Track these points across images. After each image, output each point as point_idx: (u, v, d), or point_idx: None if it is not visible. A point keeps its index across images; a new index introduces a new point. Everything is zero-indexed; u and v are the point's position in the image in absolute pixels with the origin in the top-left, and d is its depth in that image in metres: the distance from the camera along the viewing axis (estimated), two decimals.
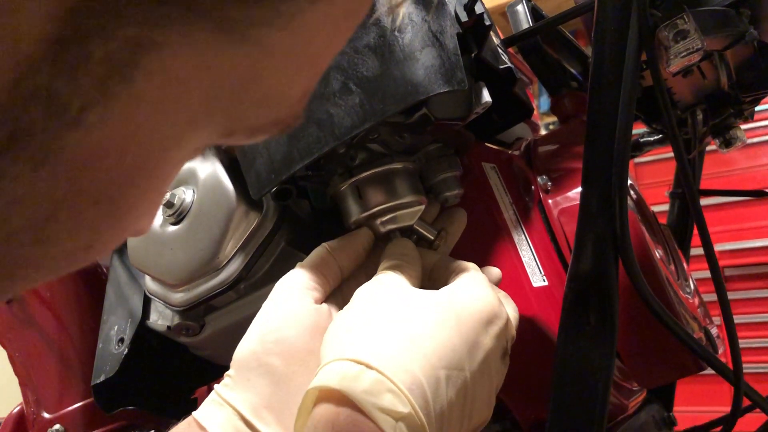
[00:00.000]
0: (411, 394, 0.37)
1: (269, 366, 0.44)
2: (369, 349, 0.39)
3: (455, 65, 0.46)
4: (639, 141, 0.94)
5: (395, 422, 0.36)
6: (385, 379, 0.38)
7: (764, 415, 0.63)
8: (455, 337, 0.41)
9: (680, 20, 0.49)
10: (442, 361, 0.40)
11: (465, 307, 0.43)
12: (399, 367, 0.38)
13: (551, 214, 0.64)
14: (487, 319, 0.43)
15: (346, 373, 0.38)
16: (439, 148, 0.55)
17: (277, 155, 0.48)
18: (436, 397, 0.39)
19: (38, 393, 0.79)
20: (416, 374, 0.38)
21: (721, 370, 0.55)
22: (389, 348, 0.39)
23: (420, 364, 0.39)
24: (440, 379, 0.39)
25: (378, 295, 0.44)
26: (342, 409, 0.37)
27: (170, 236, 0.55)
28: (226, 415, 0.44)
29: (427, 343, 0.40)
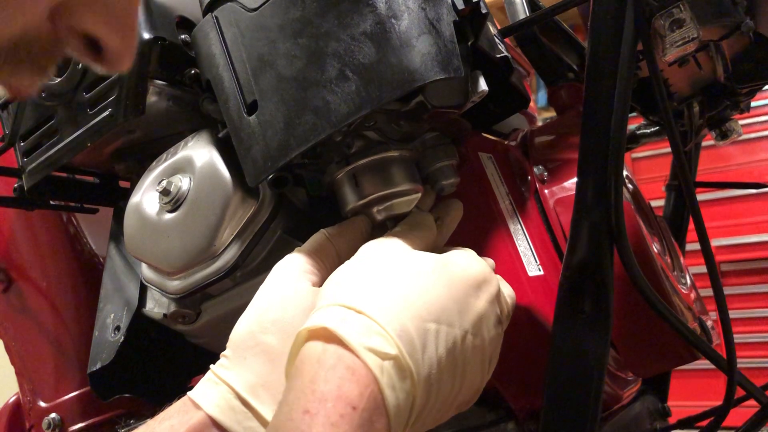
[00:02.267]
0: (399, 340, 0.38)
1: (265, 345, 0.44)
2: (360, 297, 0.40)
3: (451, 52, 0.46)
4: (635, 133, 0.94)
5: (382, 361, 0.37)
6: (373, 323, 0.39)
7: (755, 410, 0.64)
8: (446, 294, 0.42)
9: (676, 9, 0.49)
10: (432, 315, 0.41)
11: (457, 269, 0.44)
12: (388, 315, 0.39)
13: (547, 204, 0.64)
14: (477, 282, 0.45)
15: (336, 315, 0.39)
16: (436, 136, 0.55)
17: (274, 143, 0.48)
18: (425, 347, 0.39)
19: (34, 382, 0.79)
20: (405, 323, 0.39)
21: (715, 359, 0.55)
22: (380, 298, 0.40)
23: (409, 314, 0.40)
24: (429, 331, 0.40)
25: (377, 252, 0.46)
26: (329, 345, 0.38)
27: (167, 224, 0.55)
28: (221, 393, 0.44)
29: (417, 297, 0.41)
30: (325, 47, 0.46)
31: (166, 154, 0.59)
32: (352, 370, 0.37)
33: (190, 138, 0.58)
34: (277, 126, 0.48)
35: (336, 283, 0.44)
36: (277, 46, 0.48)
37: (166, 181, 0.55)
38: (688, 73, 0.68)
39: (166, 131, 0.64)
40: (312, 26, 0.46)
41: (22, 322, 0.80)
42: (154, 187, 0.56)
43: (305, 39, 0.47)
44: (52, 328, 0.78)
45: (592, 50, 0.50)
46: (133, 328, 0.61)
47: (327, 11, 0.46)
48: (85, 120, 0.59)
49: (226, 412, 0.44)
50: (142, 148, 0.65)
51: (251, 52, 0.49)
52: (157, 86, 0.59)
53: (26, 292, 0.80)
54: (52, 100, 0.61)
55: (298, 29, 0.47)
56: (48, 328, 0.78)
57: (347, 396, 0.36)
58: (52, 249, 0.81)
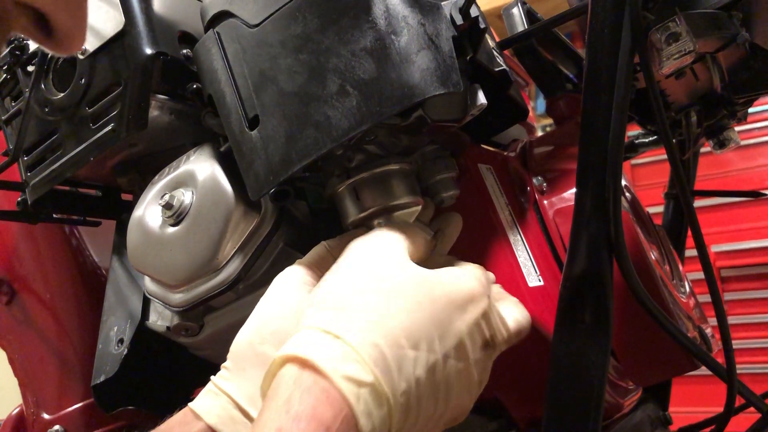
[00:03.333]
0: (376, 367, 0.38)
1: (265, 356, 0.45)
2: (338, 321, 0.40)
3: (451, 68, 0.46)
4: (634, 142, 0.94)
5: (358, 389, 0.37)
6: (350, 349, 0.38)
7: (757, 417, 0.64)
8: (427, 317, 0.41)
9: (672, 23, 0.49)
10: (411, 340, 0.40)
11: (440, 289, 0.43)
12: (365, 340, 0.39)
13: (546, 214, 0.65)
14: (461, 302, 0.43)
15: (313, 341, 0.39)
16: (436, 149, 0.56)
17: (275, 157, 0.49)
18: (402, 373, 0.39)
19: (38, 394, 0.79)
20: (382, 349, 0.39)
21: (715, 368, 0.56)
22: (358, 321, 0.40)
23: (388, 340, 0.39)
24: (407, 357, 0.40)
25: (362, 261, 0.45)
26: (305, 370, 0.38)
27: (169, 237, 0.55)
28: (221, 404, 0.45)
29: (396, 321, 0.40)
30: (326, 63, 0.47)
31: (169, 168, 0.59)
32: (327, 393, 0.37)
33: (192, 152, 0.58)
34: (278, 140, 0.48)
35: (317, 301, 0.43)
36: (279, 61, 0.48)
37: (169, 195, 0.56)
38: (685, 84, 0.69)
39: (168, 145, 0.64)
40: (313, 42, 0.47)
41: (26, 334, 0.80)
42: (156, 201, 0.57)
43: (306, 55, 0.47)
44: (55, 340, 0.79)
45: (590, 62, 0.50)
46: (137, 340, 0.62)
47: (328, 27, 0.47)
48: (88, 134, 0.60)
49: (227, 422, 0.44)
50: (144, 161, 0.66)
51: (253, 67, 0.50)
52: (159, 101, 0.59)
53: (29, 305, 0.81)
54: (55, 115, 0.62)
55: (299, 45, 0.47)
56: (51, 341, 0.79)
57: (321, 417, 0.36)
58: (55, 262, 0.81)
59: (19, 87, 0.65)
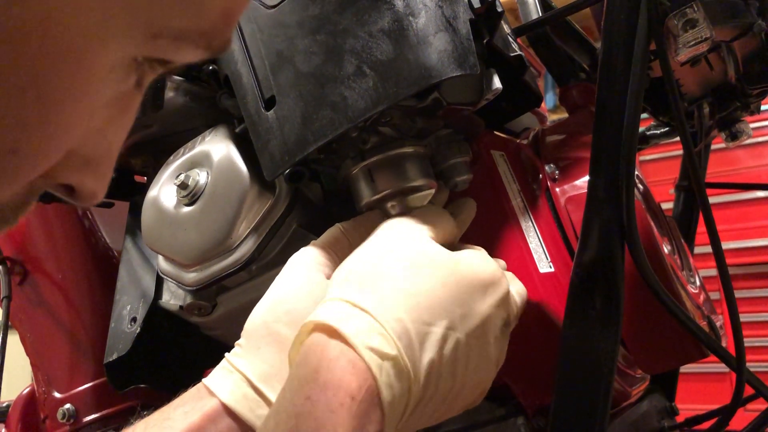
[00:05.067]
0: (399, 341, 0.39)
1: (279, 335, 0.45)
2: (365, 295, 0.41)
3: (468, 50, 0.47)
4: (645, 134, 0.94)
5: (381, 361, 0.38)
6: (375, 322, 0.39)
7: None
8: (451, 296, 0.43)
9: (689, 9, 0.49)
10: (434, 317, 0.41)
11: (465, 270, 0.44)
12: (390, 315, 0.40)
13: (558, 202, 0.65)
14: (484, 285, 0.45)
15: (341, 312, 0.40)
16: (450, 133, 0.56)
17: (291, 137, 0.49)
18: (424, 349, 0.40)
19: (49, 373, 0.80)
20: (406, 324, 0.40)
21: (723, 357, 0.56)
22: (384, 297, 0.41)
23: (411, 317, 0.40)
24: (430, 334, 0.41)
25: (389, 241, 0.46)
26: (333, 340, 0.39)
27: (184, 217, 0.56)
28: (235, 381, 0.45)
29: (421, 299, 0.42)
30: (343, 44, 0.47)
31: (184, 148, 0.60)
32: (353, 364, 0.38)
33: (208, 133, 0.58)
34: (294, 121, 0.49)
35: (344, 276, 0.44)
36: (296, 42, 0.48)
37: (184, 174, 0.56)
38: (700, 74, 0.69)
39: (183, 126, 0.65)
40: (330, 23, 0.47)
41: (38, 314, 0.81)
42: (171, 181, 0.57)
43: (323, 35, 0.47)
44: (66, 320, 0.79)
45: (606, 49, 0.50)
46: (149, 319, 0.62)
47: (345, 8, 0.47)
48: None
49: (240, 399, 0.45)
50: (158, 142, 0.66)
51: (270, 48, 0.50)
52: (175, 82, 0.60)
53: (41, 285, 0.81)
54: None
55: (317, 26, 0.48)
56: (63, 320, 0.79)
57: (347, 387, 0.37)
58: (68, 242, 0.82)
59: None
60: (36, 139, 0.24)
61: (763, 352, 2.26)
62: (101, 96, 0.27)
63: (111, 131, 0.30)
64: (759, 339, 2.28)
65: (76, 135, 0.27)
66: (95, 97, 0.26)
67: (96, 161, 0.29)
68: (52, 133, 0.25)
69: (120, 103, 0.29)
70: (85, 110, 0.26)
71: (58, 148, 0.26)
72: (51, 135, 0.25)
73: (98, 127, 0.28)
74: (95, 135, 0.28)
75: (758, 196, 2.27)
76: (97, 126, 0.28)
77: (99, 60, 0.25)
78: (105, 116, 0.28)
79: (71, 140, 0.27)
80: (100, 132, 0.29)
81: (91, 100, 0.26)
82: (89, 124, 0.27)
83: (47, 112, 0.24)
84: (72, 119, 0.25)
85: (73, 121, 0.26)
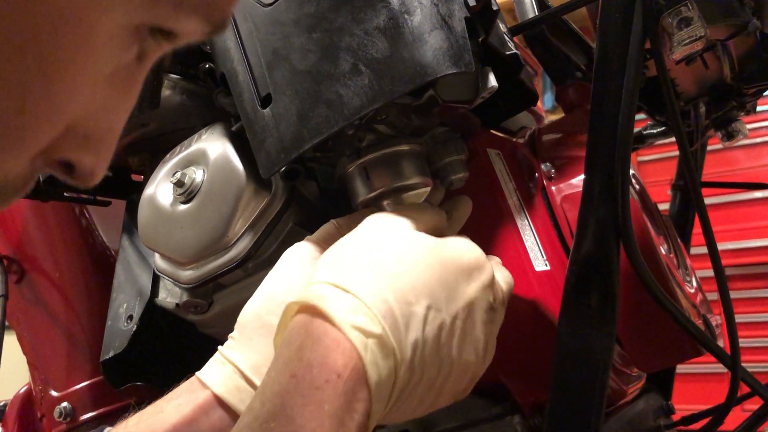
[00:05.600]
0: (384, 320, 0.39)
1: (271, 327, 0.45)
2: (349, 277, 0.41)
3: (463, 48, 0.47)
4: (642, 133, 0.95)
5: (366, 340, 0.38)
6: (360, 302, 0.39)
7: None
8: (435, 278, 0.42)
9: (684, 7, 0.49)
10: (418, 298, 0.41)
11: (449, 254, 0.44)
12: (375, 296, 0.40)
13: (554, 200, 0.65)
14: (469, 268, 0.45)
15: (325, 293, 0.40)
16: (446, 131, 0.56)
17: (287, 135, 0.49)
18: (410, 329, 0.40)
19: (46, 372, 0.80)
20: (391, 304, 0.40)
21: (718, 354, 0.56)
22: (368, 278, 0.41)
23: (396, 297, 0.40)
24: (414, 314, 0.41)
25: (375, 229, 0.46)
26: (317, 320, 0.39)
27: (180, 215, 0.56)
28: (227, 373, 0.45)
29: (405, 280, 0.41)
30: (339, 41, 0.47)
31: (180, 146, 0.60)
32: (338, 343, 0.38)
33: (204, 131, 0.59)
34: (290, 119, 0.49)
35: (329, 260, 0.44)
36: (292, 40, 0.49)
37: (180, 172, 0.56)
38: (695, 73, 0.69)
39: (179, 125, 0.65)
40: (326, 21, 0.47)
41: (35, 312, 0.81)
42: (168, 179, 0.57)
43: (319, 33, 0.48)
44: (63, 318, 0.80)
45: (601, 47, 0.50)
46: (146, 317, 0.62)
47: (341, 6, 0.47)
48: None
49: (232, 391, 0.45)
50: (155, 141, 0.66)
51: (266, 46, 0.50)
52: (172, 80, 0.60)
53: (39, 284, 0.82)
54: None
55: (313, 24, 0.48)
56: (60, 319, 0.80)
57: (332, 365, 0.37)
58: (65, 241, 0.82)
59: None
60: (40, 102, 0.24)
61: (761, 352, 2.26)
62: (103, 65, 0.27)
63: (113, 110, 0.30)
64: (757, 339, 2.28)
65: (78, 106, 0.27)
66: (97, 65, 0.26)
67: (96, 139, 0.30)
68: (54, 99, 0.25)
69: (122, 79, 0.29)
70: (87, 79, 0.26)
71: (60, 115, 0.26)
72: (53, 101, 0.25)
73: (100, 104, 0.29)
74: (97, 111, 0.29)
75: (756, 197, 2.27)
76: (99, 103, 0.28)
77: (99, 24, 0.25)
78: (107, 93, 0.29)
79: (73, 110, 0.27)
80: (102, 109, 0.29)
81: (92, 68, 0.26)
82: (91, 98, 0.28)
83: (49, 76, 0.24)
84: (74, 86, 0.26)
85: (75, 89, 0.26)
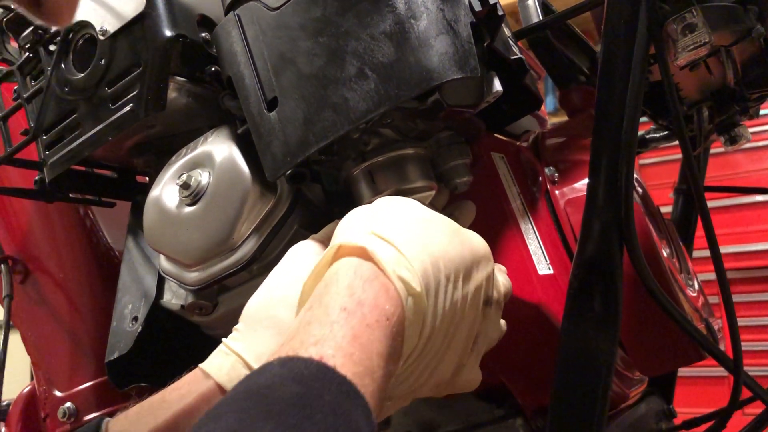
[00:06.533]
0: (423, 280, 0.39)
1: (276, 318, 0.45)
2: (391, 230, 0.41)
3: (468, 53, 0.47)
4: (645, 137, 0.95)
5: (407, 294, 0.39)
6: (403, 257, 0.40)
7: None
8: (459, 256, 0.43)
9: (689, 14, 0.50)
10: (447, 269, 0.42)
11: (468, 239, 0.45)
12: (415, 255, 0.40)
13: (558, 204, 0.66)
14: (480, 257, 0.45)
15: (372, 240, 0.40)
16: (451, 135, 0.56)
17: (293, 138, 0.49)
18: (437, 296, 0.41)
19: (50, 372, 0.80)
20: (427, 267, 0.40)
21: (720, 358, 0.56)
22: (409, 238, 0.41)
23: (431, 261, 0.41)
24: (441, 283, 0.41)
25: (402, 201, 0.46)
26: (366, 262, 0.39)
27: (186, 217, 0.56)
28: (232, 363, 0.45)
29: (436, 248, 0.42)
30: (345, 46, 0.47)
31: (186, 148, 0.60)
32: (387, 289, 0.38)
33: (210, 133, 0.59)
34: (296, 122, 0.49)
35: (365, 214, 0.44)
36: (298, 44, 0.49)
37: (186, 175, 0.56)
38: (699, 78, 0.69)
39: (185, 127, 0.65)
40: (332, 25, 0.48)
41: (39, 313, 0.81)
42: (174, 181, 0.58)
43: (326, 38, 0.48)
44: (67, 319, 0.80)
45: (606, 52, 0.51)
46: (151, 318, 0.62)
47: (347, 11, 0.47)
48: (106, 114, 0.60)
49: (235, 381, 0.44)
50: (160, 143, 0.67)
51: (272, 50, 0.50)
52: (178, 83, 0.60)
53: (43, 284, 0.82)
54: (74, 95, 0.62)
55: (319, 28, 0.48)
56: (64, 319, 0.80)
57: (383, 308, 0.37)
58: (69, 241, 0.82)
59: (40, 66, 0.66)
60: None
61: (763, 356, 2.26)
62: None
63: None
64: (758, 343, 2.28)
65: None
66: None
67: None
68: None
69: None
70: None
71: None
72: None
73: None
74: None
75: (757, 200, 2.27)
76: None
77: None
78: None
79: None
80: None
81: None
82: None
83: None
84: None
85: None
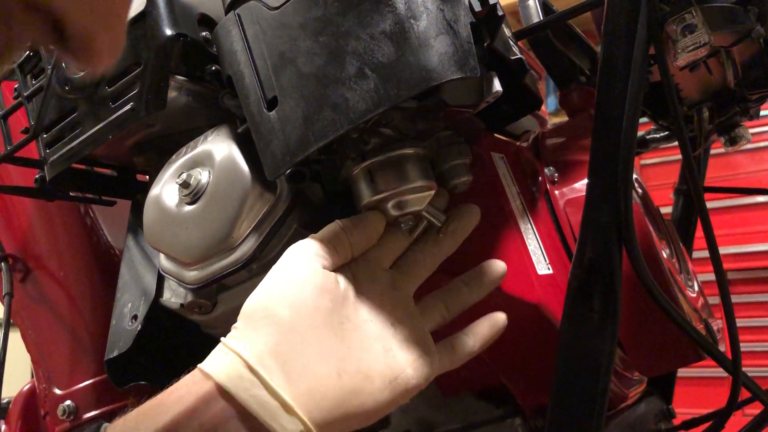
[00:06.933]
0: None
1: (275, 316, 0.45)
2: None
3: (468, 53, 0.47)
4: (645, 138, 0.95)
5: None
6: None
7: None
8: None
9: (688, 14, 0.50)
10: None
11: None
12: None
13: (557, 204, 0.66)
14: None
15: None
16: (450, 135, 0.56)
17: (293, 137, 0.49)
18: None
19: (50, 370, 0.80)
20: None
21: (719, 359, 0.56)
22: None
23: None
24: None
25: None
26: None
27: (186, 216, 0.56)
28: (230, 362, 0.45)
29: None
30: (345, 45, 0.47)
31: (186, 147, 0.60)
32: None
33: (210, 132, 0.59)
34: (296, 121, 0.49)
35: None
36: (298, 43, 0.49)
37: (186, 173, 0.56)
38: (699, 79, 0.69)
39: (185, 126, 0.65)
40: (332, 25, 0.48)
41: (39, 311, 0.82)
42: (174, 180, 0.58)
43: (326, 37, 0.48)
44: (68, 317, 0.80)
45: (605, 53, 0.51)
46: (150, 317, 0.62)
47: (348, 11, 0.47)
48: (107, 113, 0.61)
49: (234, 379, 0.44)
50: (161, 141, 0.67)
51: (272, 49, 0.50)
52: (178, 81, 0.60)
53: (43, 282, 0.82)
54: (74, 93, 0.63)
55: (319, 28, 0.48)
56: (64, 317, 0.80)
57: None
58: (70, 240, 0.82)
59: (41, 64, 0.66)
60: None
61: (762, 357, 2.26)
62: None
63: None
64: (758, 344, 2.28)
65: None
66: None
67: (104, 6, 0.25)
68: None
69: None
70: None
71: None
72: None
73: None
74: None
75: (758, 201, 2.27)
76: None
77: None
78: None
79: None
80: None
81: None
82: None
83: None
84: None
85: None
